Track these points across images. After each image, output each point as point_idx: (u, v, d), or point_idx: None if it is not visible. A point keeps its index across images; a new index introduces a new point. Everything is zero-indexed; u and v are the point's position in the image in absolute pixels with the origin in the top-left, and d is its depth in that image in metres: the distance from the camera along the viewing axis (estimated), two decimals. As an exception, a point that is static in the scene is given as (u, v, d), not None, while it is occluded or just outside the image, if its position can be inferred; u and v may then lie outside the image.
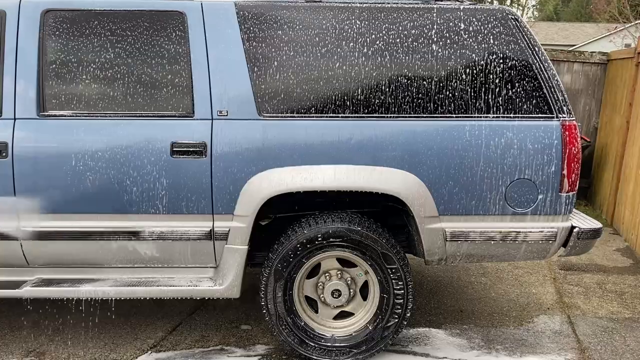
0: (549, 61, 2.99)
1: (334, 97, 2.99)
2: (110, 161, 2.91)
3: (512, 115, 2.98)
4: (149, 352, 3.29)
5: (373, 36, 3.04)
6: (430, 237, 3.01)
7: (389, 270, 3.01)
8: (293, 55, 3.03)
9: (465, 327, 3.69)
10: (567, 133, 2.94)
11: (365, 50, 3.04)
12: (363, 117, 2.98)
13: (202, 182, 2.92)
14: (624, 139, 6.25)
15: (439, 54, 3.06)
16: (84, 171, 2.91)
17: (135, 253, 3.05)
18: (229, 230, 2.98)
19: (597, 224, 3.16)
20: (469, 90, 3.04)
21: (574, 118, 3.00)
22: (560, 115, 2.96)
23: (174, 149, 2.90)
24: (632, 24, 18.35)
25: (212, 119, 2.93)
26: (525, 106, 2.99)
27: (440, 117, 2.98)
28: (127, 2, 2.99)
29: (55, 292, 3.04)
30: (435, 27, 3.06)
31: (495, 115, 2.98)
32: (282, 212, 3.23)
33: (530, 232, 3.02)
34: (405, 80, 3.03)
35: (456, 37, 3.04)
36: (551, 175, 2.95)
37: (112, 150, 2.91)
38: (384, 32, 3.05)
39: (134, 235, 2.98)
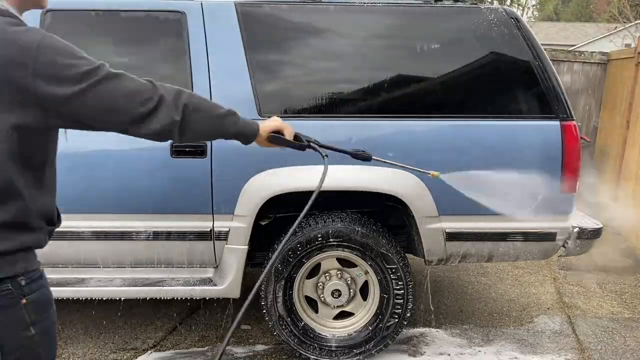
0: (549, 61, 2.99)
1: (335, 98, 2.98)
2: (110, 161, 2.90)
3: (511, 115, 2.98)
4: (149, 352, 3.29)
5: (374, 37, 3.04)
6: (430, 237, 3.00)
7: (388, 270, 3.00)
8: (294, 55, 3.03)
9: (465, 327, 3.69)
10: (567, 133, 2.93)
11: (365, 50, 3.04)
12: (363, 117, 2.98)
13: (202, 182, 2.92)
14: (624, 139, 6.25)
15: (439, 55, 3.06)
16: (84, 172, 2.91)
17: (135, 253, 3.04)
18: (229, 230, 2.97)
19: (597, 224, 3.16)
20: (468, 90, 3.04)
21: (574, 118, 3.00)
22: (560, 116, 2.96)
23: (174, 149, 2.90)
24: (632, 24, 18.34)
25: (212, 119, 2.93)
26: (525, 106, 2.99)
27: (439, 117, 2.98)
28: (127, 2, 2.98)
29: (55, 292, 3.02)
30: (434, 27, 3.06)
31: (495, 115, 2.98)
32: (282, 212, 3.23)
33: (530, 232, 3.02)
34: (405, 81, 3.03)
35: (456, 38, 3.04)
36: (551, 176, 2.95)
37: (112, 151, 2.91)
38: (384, 33, 3.05)
39: (134, 235, 2.98)
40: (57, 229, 1.54)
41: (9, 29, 1.26)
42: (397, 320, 3.07)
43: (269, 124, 1.77)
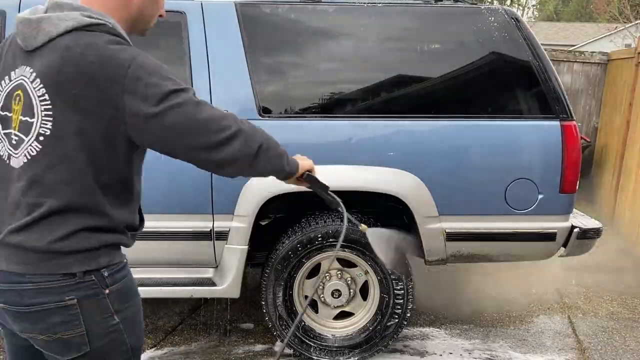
0: (549, 61, 2.99)
1: (334, 98, 2.99)
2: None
3: (512, 115, 2.98)
4: (149, 351, 3.29)
5: (374, 37, 3.04)
6: (430, 237, 3.00)
7: (388, 270, 3.00)
8: (294, 55, 3.03)
9: (465, 327, 3.69)
10: (567, 133, 2.93)
11: (366, 51, 3.04)
12: (363, 117, 2.98)
13: (202, 182, 2.92)
14: (624, 138, 6.25)
15: (438, 55, 3.07)
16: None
17: (135, 253, 3.03)
18: (229, 230, 2.97)
19: (597, 224, 3.16)
20: (468, 90, 3.04)
21: (574, 118, 3.00)
22: (560, 116, 2.95)
23: (174, 149, 2.89)
24: (632, 24, 18.34)
25: (212, 119, 2.92)
26: (525, 106, 2.99)
27: (440, 117, 2.98)
28: (127, 2, 2.98)
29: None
30: (434, 28, 3.06)
31: (495, 116, 2.98)
32: (282, 212, 3.23)
33: (530, 232, 3.02)
34: (405, 81, 3.03)
35: (456, 38, 3.04)
36: (551, 176, 2.95)
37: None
38: (384, 33, 3.05)
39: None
40: None
41: (108, 46, 1.35)
42: (397, 320, 3.07)
43: (305, 163, 1.80)
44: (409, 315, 3.09)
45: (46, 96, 1.33)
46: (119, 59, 1.34)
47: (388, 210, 3.23)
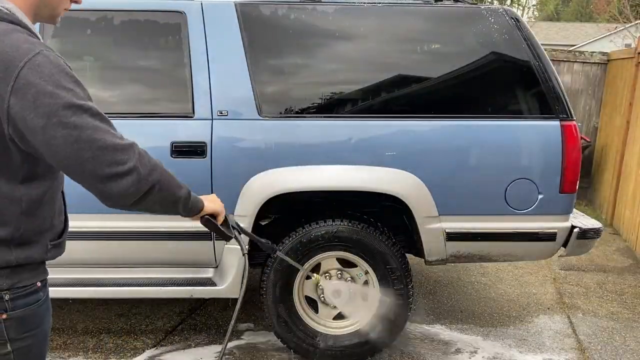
0: (549, 61, 2.99)
1: (334, 98, 2.99)
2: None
3: (512, 115, 2.98)
4: (149, 351, 3.29)
5: (374, 37, 3.04)
6: (430, 237, 3.00)
7: (388, 270, 3.00)
8: (294, 55, 3.03)
9: (465, 327, 3.69)
10: (567, 133, 2.93)
11: (366, 51, 3.04)
12: (363, 117, 2.98)
13: (202, 182, 2.92)
14: (624, 138, 6.25)
15: (438, 55, 3.07)
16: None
17: (135, 253, 3.04)
18: (229, 230, 2.97)
19: (597, 224, 3.16)
20: (468, 90, 3.05)
21: (574, 118, 3.00)
22: (560, 116, 2.95)
23: (174, 149, 2.90)
24: (632, 24, 18.36)
25: (212, 119, 2.93)
26: (525, 106, 2.99)
27: (440, 117, 2.98)
28: (127, 2, 2.98)
29: (55, 292, 3.02)
30: (434, 28, 3.06)
31: (495, 116, 2.98)
32: (282, 212, 3.22)
33: (530, 232, 3.01)
34: (405, 81, 3.03)
35: (456, 38, 3.04)
36: (551, 176, 2.95)
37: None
38: (384, 33, 3.05)
39: (135, 235, 2.98)
40: (69, 229, 1.48)
41: (4, 37, 1.19)
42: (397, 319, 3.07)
43: (211, 206, 1.73)
44: (409, 315, 3.09)
45: None
46: (11, 55, 1.17)
47: (388, 209, 3.23)
